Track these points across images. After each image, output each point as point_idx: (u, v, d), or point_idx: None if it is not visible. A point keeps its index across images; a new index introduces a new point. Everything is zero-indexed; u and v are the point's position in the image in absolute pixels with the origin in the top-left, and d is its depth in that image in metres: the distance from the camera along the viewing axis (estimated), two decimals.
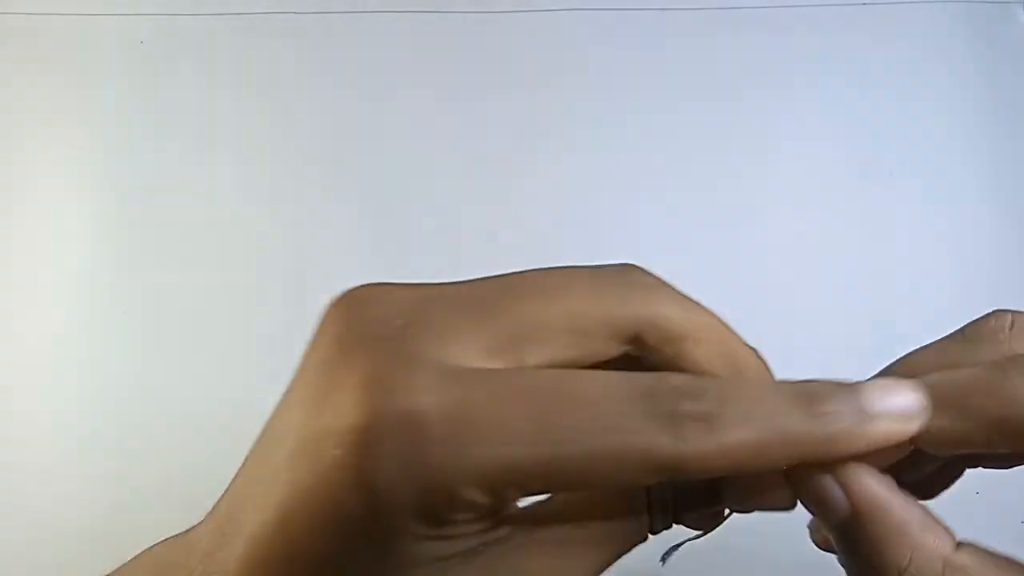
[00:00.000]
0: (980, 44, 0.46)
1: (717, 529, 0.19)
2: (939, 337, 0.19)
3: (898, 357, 0.19)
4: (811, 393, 0.16)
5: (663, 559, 0.19)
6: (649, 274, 0.17)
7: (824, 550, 0.19)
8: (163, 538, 0.18)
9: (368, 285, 0.16)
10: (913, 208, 0.43)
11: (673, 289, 0.17)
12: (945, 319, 0.43)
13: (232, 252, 0.40)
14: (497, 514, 0.15)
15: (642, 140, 0.43)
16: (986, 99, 0.45)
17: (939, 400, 0.16)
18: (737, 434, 0.14)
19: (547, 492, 0.16)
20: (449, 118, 0.43)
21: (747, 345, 0.18)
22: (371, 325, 0.15)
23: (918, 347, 0.19)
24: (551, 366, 0.15)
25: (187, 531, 0.17)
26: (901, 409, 0.16)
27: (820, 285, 0.42)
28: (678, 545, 0.19)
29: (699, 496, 0.18)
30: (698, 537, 0.18)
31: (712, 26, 0.45)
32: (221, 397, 0.37)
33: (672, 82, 0.45)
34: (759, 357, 0.18)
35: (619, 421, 0.14)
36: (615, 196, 0.42)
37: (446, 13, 0.45)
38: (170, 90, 0.43)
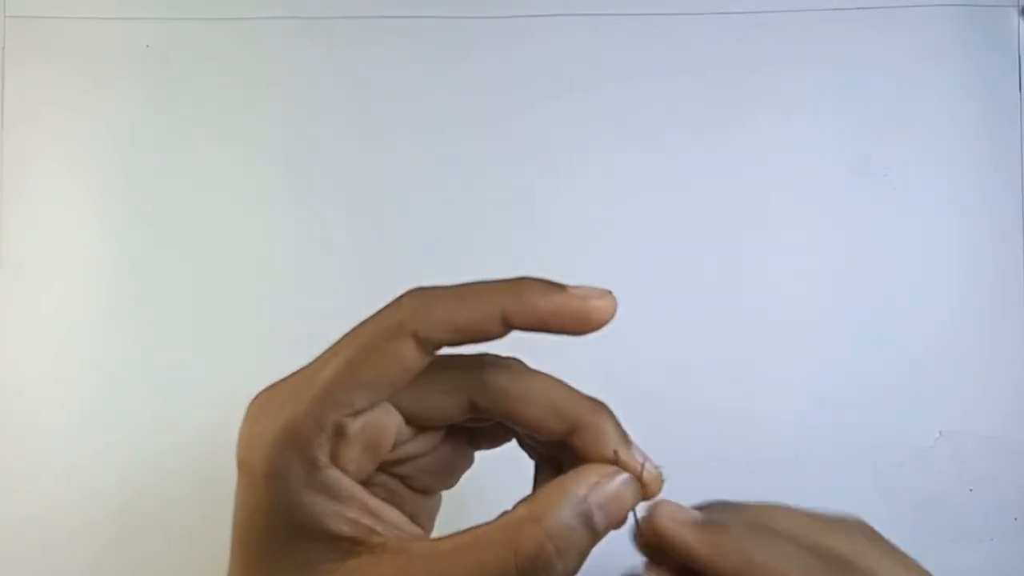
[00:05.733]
0: (975, 48, 0.46)
1: None
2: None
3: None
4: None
5: None
6: (486, 355, 0.22)
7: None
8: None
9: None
10: (908, 212, 0.43)
11: (504, 363, 0.22)
12: (940, 320, 0.43)
13: (237, 254, 0.41)
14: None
15: (639, 141, 0.44)
16: (981, 103, 0.45)
17: None
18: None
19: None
20: (454, 120, 0.43)
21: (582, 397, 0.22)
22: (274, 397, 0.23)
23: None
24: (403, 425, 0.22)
25: None
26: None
27: (815, 286, 0.42)
28: None
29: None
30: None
31: (708, 31, 0.46)
32: (224, 397, 0.38)
33: (670, 83, 0.45)
34: (596, 406, 0.22)
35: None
36: (612, 196, 0.43)
37: (453, 19, 0.45)
38: (176, 93, 0.43)
